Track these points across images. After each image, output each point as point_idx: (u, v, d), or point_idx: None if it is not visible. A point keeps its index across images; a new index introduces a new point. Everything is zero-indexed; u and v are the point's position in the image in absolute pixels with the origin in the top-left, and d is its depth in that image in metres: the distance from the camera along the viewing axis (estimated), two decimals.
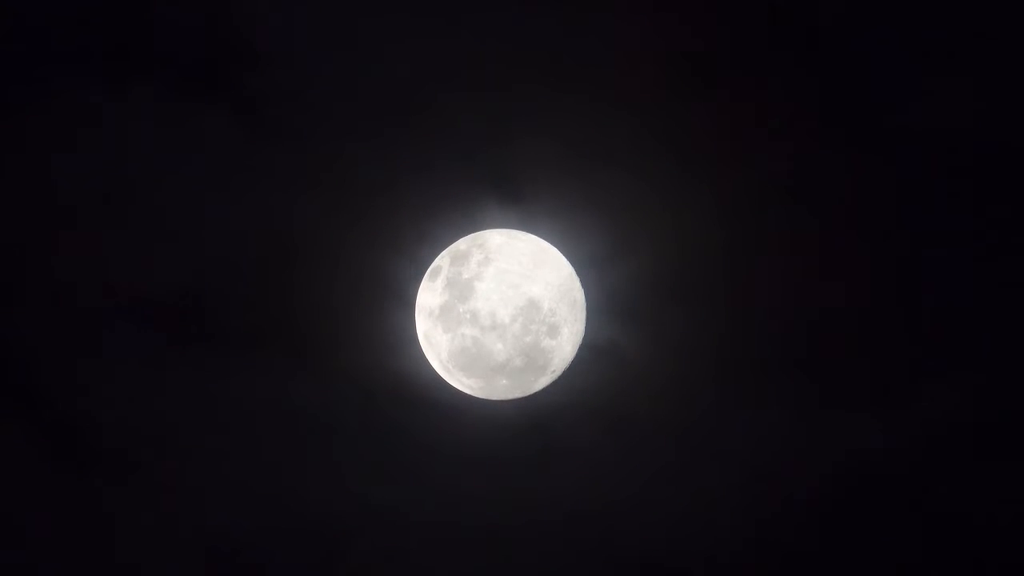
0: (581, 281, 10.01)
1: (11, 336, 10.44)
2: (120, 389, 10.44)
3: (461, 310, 9.48)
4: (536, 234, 10.01)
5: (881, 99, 10.52)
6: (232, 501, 10.55)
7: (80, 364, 10.45)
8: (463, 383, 9.91)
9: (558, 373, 10.04)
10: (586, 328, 10.11)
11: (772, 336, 10.53)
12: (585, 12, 10.46)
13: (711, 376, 10.47)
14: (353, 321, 10.36)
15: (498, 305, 9.45)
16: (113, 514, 10.51)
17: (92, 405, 10.46)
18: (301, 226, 10.52)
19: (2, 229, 10.44)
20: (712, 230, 10.51)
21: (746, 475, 10.54)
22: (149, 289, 10.47)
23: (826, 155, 10.48)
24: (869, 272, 10.49)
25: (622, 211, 10.39)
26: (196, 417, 10.48)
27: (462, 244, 9.90)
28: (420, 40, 10.51)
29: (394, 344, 10.27)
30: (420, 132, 10.42)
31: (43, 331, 10.43)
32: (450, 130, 10.40)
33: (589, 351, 10.23)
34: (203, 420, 10.48)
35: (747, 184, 10.53)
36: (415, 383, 10.25)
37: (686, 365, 10.44)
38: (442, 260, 9.88)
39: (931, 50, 10.48)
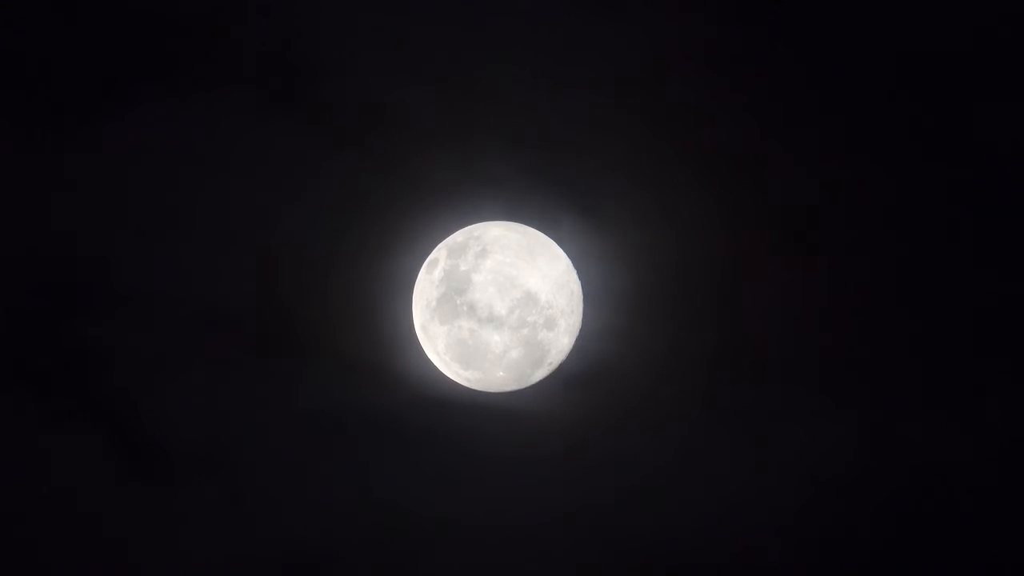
0: (578, 273, 10.02)
1: (83, 345, 10.50)
2: (180, 399, 10.49)
3: (458, 302, 9.49)
4: (534, 227, 10.03)
5: (883, 102, 10.55)
6: (276, 508, 10.58)
7: (150, 373, 10.49)
8: (460, 375, 9.90)
9: (555, 365, 10.03)
10: (583, 320, 10.11)
11: (772, 334, 10.53)
12: (594, 15, 10.52)
13: (711, 371, 10.47)
14: (350, 316, 10.38)
15: (495, 297, 9.45)
16: (176, 522, 10.55)
17: (160, 414, 10.51)
18: (303, 226, 10.56)
19: (76, 239, 10.50)
20: (718, 228, 10.53)
21: (747, 472, 10.53)
22: (207, 299, 10.53)
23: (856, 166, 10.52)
24: (907, 277, 10.52)
25: (622, 204, 10.41)
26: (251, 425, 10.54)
27: (459, 236, 9.90)
28: (417, 42, 10.58)
29: (391, 337, 10.28)
30: (417, 127, 10.45)
31: (117, 341, 10.47)
32: (448, 124, 10.43)
33: (587, 343, 10.23)
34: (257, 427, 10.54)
35: (752, 185, 10.55)
36: (411, 376, 10.26)
37: (686, 359, 10.44)
38: (439, 252, 9.88)
39: (914, 54, 10.53)
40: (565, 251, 9.98)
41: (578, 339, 10.11)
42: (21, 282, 10.46)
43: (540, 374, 9.98)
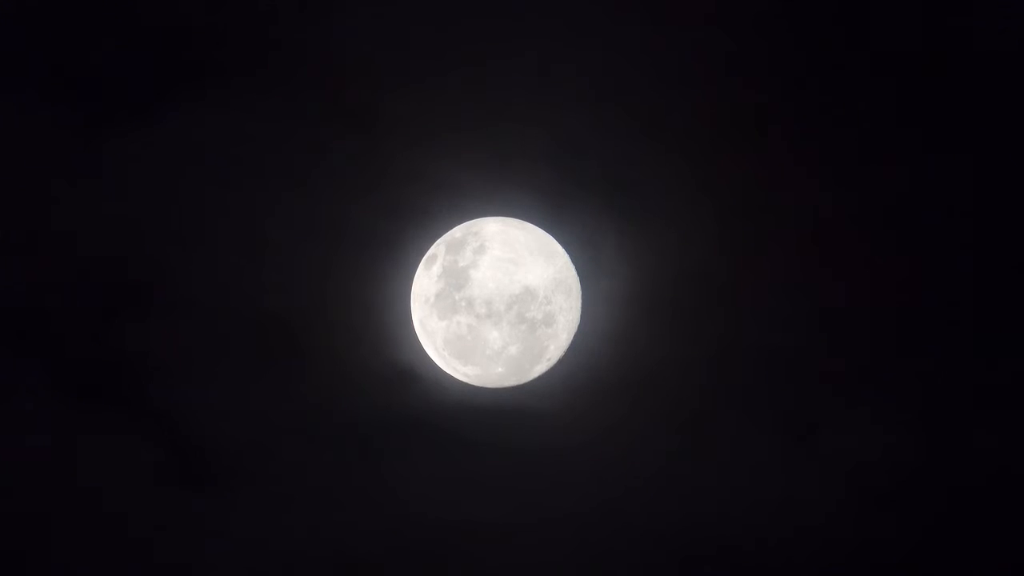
0: (577, 269, 10.03)
1: (127, 350, 10.53)
2: (181, 402, 10.52)
3: (456, 298, 9.50)
4: (532, 223, 10.03)
5: (884, 101, 10.57)
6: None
7: (182, 376, 10.52)
8: (459, 371, 9.91)
9: (554, 361, 10.04)
10: (582, 316, 10.12)
11: (772, 334, 10.53)
12: (594, 15, 10.54)
13: (711, 370, 10.47)
14: (348, 313, 10.39)
15: (494, 293, 9.46)
16: (195, 525, 10.57)
17: (193, 419, 10.54)
18: (303, 224, 10.58)
19: (108, 247, 10.53)
20: (716, 225, 10.54)
21: (746, 471, 10.52)
22: (207, 300, 10.56)
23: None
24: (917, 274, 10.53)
25: (621, 201, 10.42)
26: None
27: (458, 232, 9.91)
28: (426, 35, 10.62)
29: (389, 333, 10.29)
30: (417, 125, 10.47)
31: (155, 344, 10.50)
32: (447, 122, 10.45)
33: (586, 339, 10.23)
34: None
35: (756, 183, 10.57)
36: (410, 371, 10.26)
37: (684, 354, 10.44)
38: (438, 248, 9.89)
39: (915, 54, 10.56)
40: (563, 247, 9.99)
41: (577, 335, 10.12)
42: (42, 282, 10.49)
43: (539, 370, 9.99)
